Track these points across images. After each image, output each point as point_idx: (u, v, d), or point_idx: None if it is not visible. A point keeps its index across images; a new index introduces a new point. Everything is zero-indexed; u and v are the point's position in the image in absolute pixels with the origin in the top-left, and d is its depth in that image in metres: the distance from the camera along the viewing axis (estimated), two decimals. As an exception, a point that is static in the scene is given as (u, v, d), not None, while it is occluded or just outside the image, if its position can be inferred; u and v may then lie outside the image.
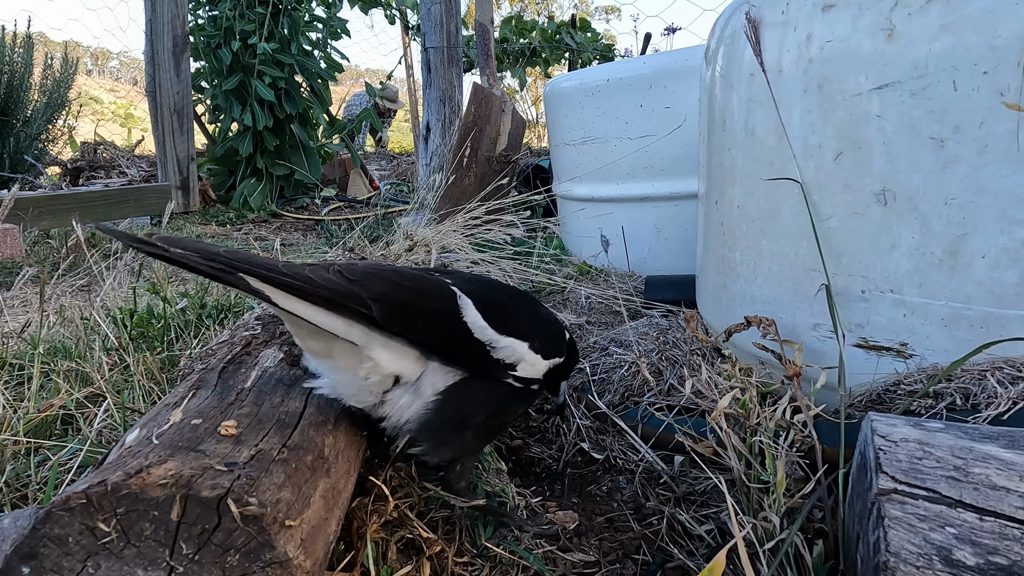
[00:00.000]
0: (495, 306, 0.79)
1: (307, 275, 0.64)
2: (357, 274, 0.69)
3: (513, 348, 0.79)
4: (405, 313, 0.70)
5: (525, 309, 0.88)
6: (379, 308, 0.66)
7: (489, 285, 0.90)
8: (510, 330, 0.79)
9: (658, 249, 2.21)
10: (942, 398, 0.85)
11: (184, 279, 2.27)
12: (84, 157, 4.77)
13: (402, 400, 0.74)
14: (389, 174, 6.07)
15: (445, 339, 0.74)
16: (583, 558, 0.84)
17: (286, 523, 0.53)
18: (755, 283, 1.14)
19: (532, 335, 0.82)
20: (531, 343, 0.81)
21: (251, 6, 4.04)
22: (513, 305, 0.86)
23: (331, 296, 0.64)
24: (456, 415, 0.76)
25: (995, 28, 0.79)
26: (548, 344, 0.85)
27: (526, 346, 0.80)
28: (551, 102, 2.49)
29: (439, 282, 0.78)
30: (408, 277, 0.76)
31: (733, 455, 0.84)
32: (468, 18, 5.22)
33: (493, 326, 0.77)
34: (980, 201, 0.84)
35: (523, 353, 0.80)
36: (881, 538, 0.57)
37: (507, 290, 0.93)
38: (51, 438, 1.02)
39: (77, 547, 0.50)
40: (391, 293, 0.69)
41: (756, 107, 1.07)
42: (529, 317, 0.86)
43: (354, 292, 0.66)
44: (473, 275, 0.92)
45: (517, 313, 0.84)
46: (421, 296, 0.74)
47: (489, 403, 0.80)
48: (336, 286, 0.65)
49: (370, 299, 0.66)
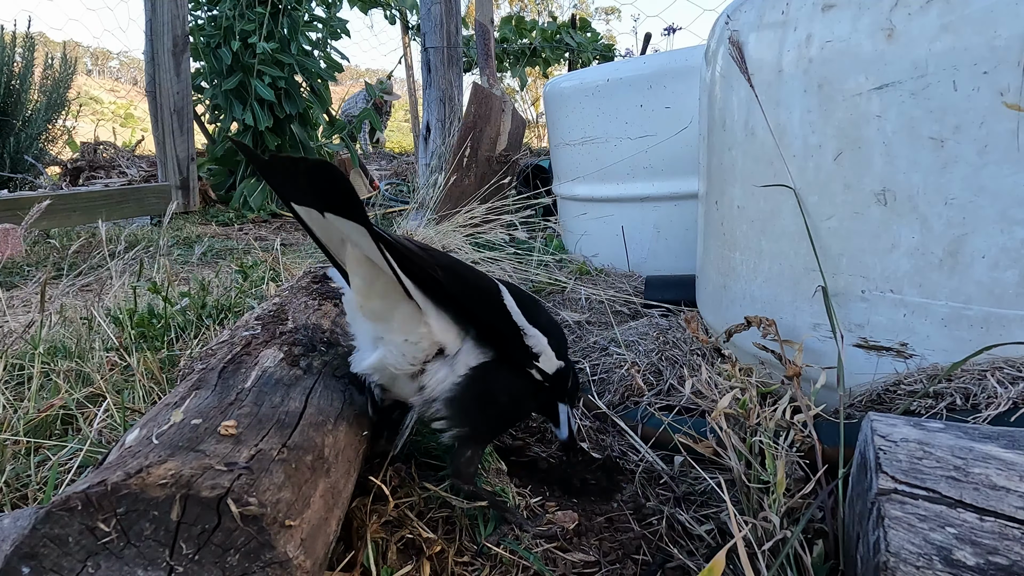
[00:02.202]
0: (522, 301, 0.86)
1: (399, 237, 0.68)
2: (420, 246, 0.73)
3: (539, 339, 0.85)
4: (465, 284, 0.75)
5: (542, 310, 0.94)
6: (445, 275, 0.71)
7: (514, 286, 0.96)
8: (536, 324, 0.85)
9: (658, 249, 2.21)
10: (942, 398, 0.85)
11: (184, 279, 2.27)
12: (84, 157, 4.77)
13: (440, 372, 0.78)
14: (389, 174, 6.07)
15: (491, 314, 0.79)
16: (583, 558, 0.84)
17: (286, 523, 0.53)
18: (755, 283, 1.14)
19: (550, 332, 0.88)
20: (550, 340, 0.87)
21: (251, 6, 4.04)
22: (533, 305, 0.92)
23: (410, 255, 0.68)
24: (483, 391, 0.80)
25: (995, 28, 0.79)
26: (561, 345, 0.91)
27: (546, 340, 0.86)
28: (551, 102, 2.49)
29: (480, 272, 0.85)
30: (459, 260, 0.82)
31: (733, 455, 0.84)
32: (468, 18, 5.22)
33: (524, 315, 0.83)
34: (980, 201, 0.84)
35: (545, 346, 0.86)
36: (881, 538, 0.57)
37: (527, 294, 0.98)
38: (51, 438, 1.02)
39: (77, 547, 0.50)
40: (454, 266, 0.75)
41: (756, 107, 1.07)
42: (546, 318, 0.92)
43: (427, 258, 0.70)
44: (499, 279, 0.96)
45: (537, 312, 0.90)
46: (475, 274, 0.81)
47: (511, 387, 0.84)
48: (412, 253, 0.68)
49: (439, 266, 0.71)
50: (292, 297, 1.06)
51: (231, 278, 1.91)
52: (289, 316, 0.97)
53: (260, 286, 1.73)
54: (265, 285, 1.71)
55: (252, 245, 3.11)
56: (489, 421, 0.84)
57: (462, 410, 0.80)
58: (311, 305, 1.03)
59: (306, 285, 1.11)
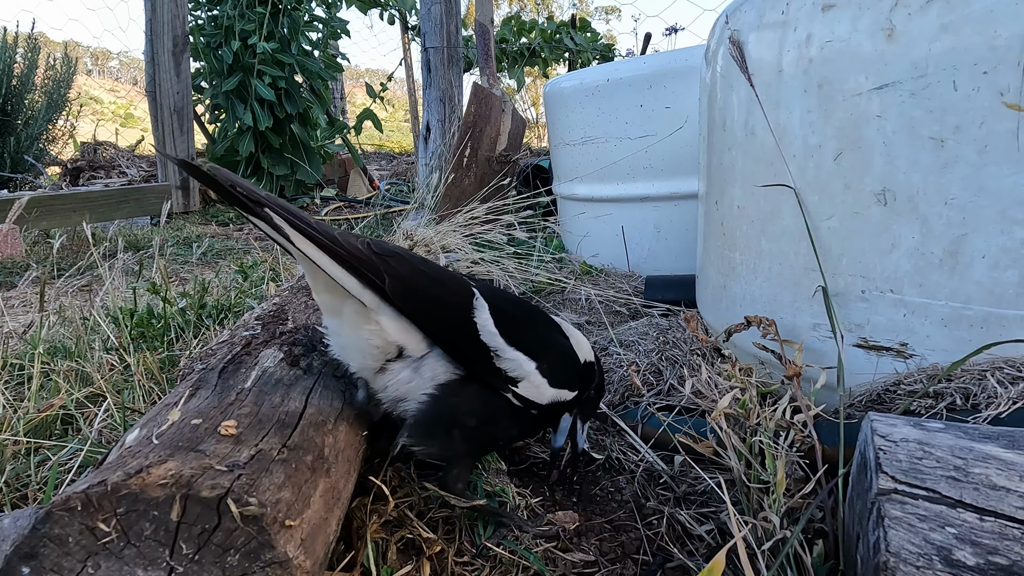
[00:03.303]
0: (511, 318, 0.79)
1: (333, 233, 0.68)
2: (384, 250, 0.73)
3: (519, 363, 0.78)
4: (415, 296, 0.72)
5: (543, 331, 0.86)
6: (392, 283, 0.70)
7: (512, 300, 0.88)
8: (520, 345, 0.78)
9: (658, 249, 2.21)
10: (942, 398, 0.85)
11: (184, 279, 2.27)
12: (84, 157, 4.77)
13: (402, 374, 0.75)
14: (389, 174, 6.07)
15: (449, 332, 0.75)
16: (583, 558, 0.84)
17: (286, 523, 0.53)
18: (755, 283, 1.14)
19: (542, 356, 0.80)
20: (539, 364, 0.80)
21: (251, 6, 4.04)
22: (531, 323, 0.85)
23: (349, 258, 0.68)
24: (448, 413, 0.76)
25: (995, 28, 0.79)
26: (557, 371, 0.82)
27: (533, 365, 0.79)
28: (551, 102, 2.49)
29: (462, 281, 0.81)
30: (433, 267, 0.79)
31: (733, 455, 0.84)
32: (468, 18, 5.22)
33: (503, 335, 0.77)
34: (980, 201, 0.84)
35: (529, 372, 0.79)
36: (881, 538, 0.57)
37: (531, 310, 0.90)
38: (51, 438, 1.02)
39: (77, 547, 0.50)
40: (408, 276, 0.72)
41: (756, 107, 1.07)
42: (545, 340, 0.84)
43: (373, 262, 0.70)
44: (504, 290, 0.91)
45: (532, 331, 0.83)
46: (437, 286, 0.75)
47: (482, 411, 0.78)
48: (358, 252, 0.69)
49: (387, 273, 0.70)
50: (292, 297, 1.06)
51: (231, 278, 1.91)
52: (289, 316, 0.97)
53: (260, 286, 1.73)
54: (265, 285, 1.71)
55: (252, 245, 3.11)
56: (457, 442, 0.78)
57: (428, 429, 0.76)
58: (311, 305, 1.03)
59: (306, 285, 1.11)
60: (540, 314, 0.91)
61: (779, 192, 1.04)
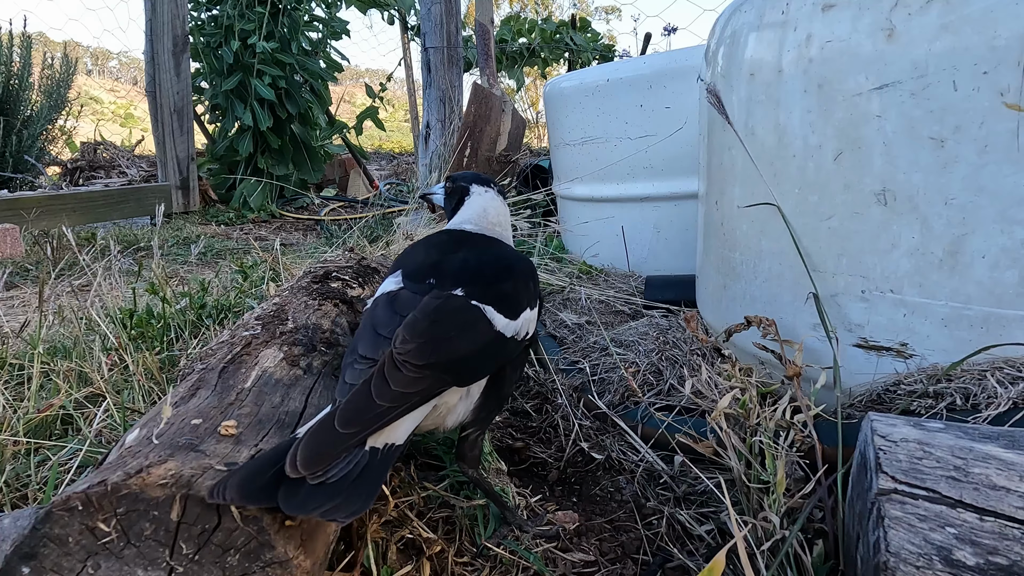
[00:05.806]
0: (500, 295, 0.81)
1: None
2: (417, 336, 0.70)
3: (526, 319, 0.83)
4: (469, 366, 0.74)
5: (511, 275, 0.87)
6: (454, 377, 0.71)
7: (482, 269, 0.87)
8: (522, 306, 0.83)
9: (658, 249, 2.21)
10: (942, 398, 0.85)
11: (183, 278, 2.27)
12: (84, 157, 4.77)
13: (459, 408, 0.79)
14: (389, 174, 6.07)
15: (498, 360, 0.79)
16: (583, 558, 0.84)
17: (286, 523, 0.53)
18: (755, 283, 1.14)
19: (532, 298, 0.87)
20: (532, 305, 0.86)
21: (251, 6, 4.04)
22: (506, 275, 0.86)
23: (421, 396, 0.66)
24: (497, 398, 0.83)
25: (995, 28, 0.79)
26: (523, 296, 0.86)
27: (528, 310, 0.85)
28: (551, 102, 2.49)
29: (471, 308, 0.78)
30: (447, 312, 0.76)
31: (733, 455, 0.84)
32: (468, 18, 5.22)
33: (508, 315, 0.80)
34: (980, 201, 0.83)
35: (531, 316, 0.85)
36: (881, 538, 0.57)
37: (497, 262, 0.90)
38: (51, 438, 1.02)
39: (77, 547, 0.50)
40: (455, 354, 0.72)
41: (756, 107, 1.07)
42: (518, 283, 0.87)
43: (432, 377, 0.68)
44: (465, 256, 0.86)
45: (512, 282, 0.85)
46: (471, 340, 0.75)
47: (515, 373, 0.86)
48: (417, 384, 0.66)
49: (444, 373, 0.69)
50: (292, 297, 1.06)
51: (231, 278, 1.91)
52: (289, 316, 0.97)
53: (260, 286, 1.73)
54: (265, 285, 1.71)
55: (252, 245, 3.11)
56: (494, 408, 0.84)
57: (486, 417, 0.82)
58: (311, 305, 1.03)
59: (306, 285, 1.11)
60: (503, 256, 0.92)
61: (779, 192, 1.04)
